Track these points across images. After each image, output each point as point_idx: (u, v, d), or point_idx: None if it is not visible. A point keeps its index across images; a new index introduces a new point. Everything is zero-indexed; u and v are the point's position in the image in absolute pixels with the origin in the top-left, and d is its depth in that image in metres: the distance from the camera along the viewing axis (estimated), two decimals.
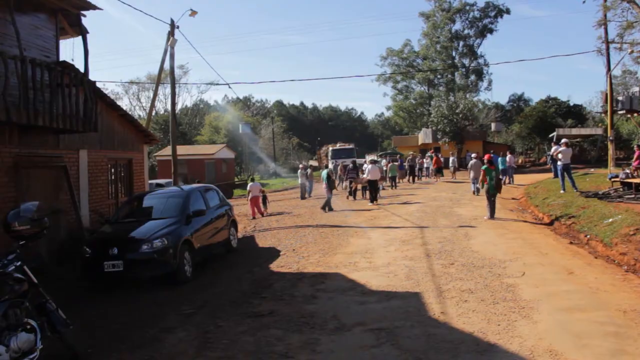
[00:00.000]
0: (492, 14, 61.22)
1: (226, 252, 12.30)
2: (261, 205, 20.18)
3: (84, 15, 12.09)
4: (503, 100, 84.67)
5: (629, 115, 34.41)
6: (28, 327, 4.98)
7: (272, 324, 6.66)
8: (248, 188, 20.54)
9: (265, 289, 8.63)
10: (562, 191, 17.29)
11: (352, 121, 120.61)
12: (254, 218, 19.36)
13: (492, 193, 14.23)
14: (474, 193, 21.31)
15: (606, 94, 27.61)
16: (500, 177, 27.38)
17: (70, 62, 12.58)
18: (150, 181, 20.93)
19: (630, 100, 30.80)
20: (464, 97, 51.57)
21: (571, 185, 17.31)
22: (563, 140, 18.50)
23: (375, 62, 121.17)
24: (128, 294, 9.09)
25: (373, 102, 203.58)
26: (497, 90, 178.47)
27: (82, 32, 11.99)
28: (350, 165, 24.12)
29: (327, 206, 19.34)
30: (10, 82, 9.21)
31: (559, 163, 18.03)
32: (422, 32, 63.81)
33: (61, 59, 12.27)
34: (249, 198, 20.13)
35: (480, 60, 62.86)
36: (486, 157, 15.22)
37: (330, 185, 20.07)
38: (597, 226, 11.23)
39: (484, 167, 14.72)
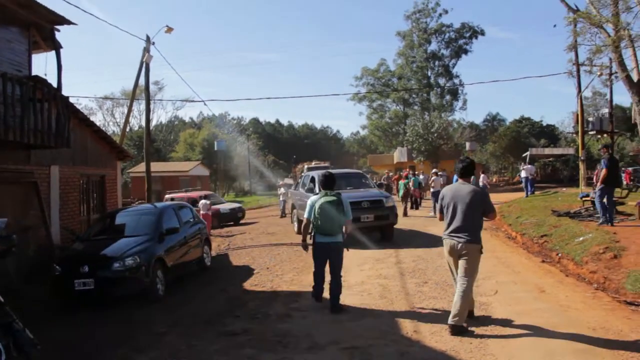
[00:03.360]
0: (467, 34, 62.32)
1: (200, 271, 12.15)
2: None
3: (58, 30, 12.01)
4: (478, 120, 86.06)
5: (599, 136, 35.37)
6: None
7: (246, 343, 6.59)
8: (199, 205, 20.38)
9: (238, 307, 8.55)
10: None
11: (328, 139, 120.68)
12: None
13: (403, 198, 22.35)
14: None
15: (577, 115, 28.22)
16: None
17: (44, 76, 12.46)
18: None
19: (600, 121, 31.81)
20: (439, 116, 52.21)
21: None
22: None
23: (351, 82, 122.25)
24: (99, 313, 8.90)
25: (349, 121, 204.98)
26: (472, 110, 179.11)
27: (56, 46, 11.90)
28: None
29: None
30: None
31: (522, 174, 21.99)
32: (397, 52, 64.59)
33: (34, 73, 12.14)
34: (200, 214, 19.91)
35: (456, 80, 63.71)
36: (404, 173, 23.81)
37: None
38: (569, 245, 11.38)
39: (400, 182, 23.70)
